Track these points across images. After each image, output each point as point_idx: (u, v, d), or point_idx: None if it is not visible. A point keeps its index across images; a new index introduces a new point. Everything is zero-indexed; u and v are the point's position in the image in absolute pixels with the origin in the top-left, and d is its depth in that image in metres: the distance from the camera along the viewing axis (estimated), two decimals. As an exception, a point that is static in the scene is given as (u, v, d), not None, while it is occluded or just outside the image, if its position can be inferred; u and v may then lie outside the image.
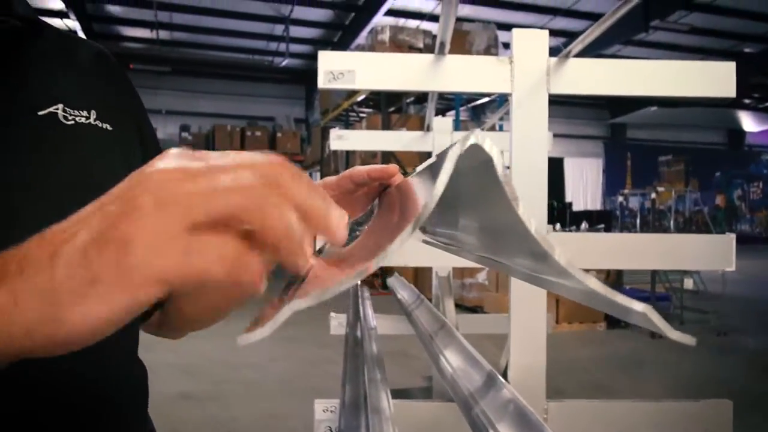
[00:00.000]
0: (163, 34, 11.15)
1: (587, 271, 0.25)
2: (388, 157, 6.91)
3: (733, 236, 1.53)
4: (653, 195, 5.82)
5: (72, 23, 9.81)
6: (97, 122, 0.57)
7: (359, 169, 0.57)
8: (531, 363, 1.54)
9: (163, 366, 3.95)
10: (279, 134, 13.00)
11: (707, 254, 1.54)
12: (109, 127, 0.58)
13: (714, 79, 1.49)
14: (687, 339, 0.24)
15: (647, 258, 1.57)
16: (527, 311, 1.52)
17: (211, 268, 0.26)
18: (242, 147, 12.66)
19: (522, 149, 1.51)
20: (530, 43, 1.49)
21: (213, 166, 0.27)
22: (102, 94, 0.60)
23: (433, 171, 0.30)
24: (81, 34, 10.01)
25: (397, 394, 3.43)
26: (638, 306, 0.24)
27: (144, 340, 0.74)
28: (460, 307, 6.25)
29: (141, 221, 0.25)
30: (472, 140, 0.26)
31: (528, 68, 1.48)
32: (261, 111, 13.78)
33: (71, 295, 0.26)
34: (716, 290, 5.74)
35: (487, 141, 0.27)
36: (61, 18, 9.87)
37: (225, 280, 0.26)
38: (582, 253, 1.54)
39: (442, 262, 2.35)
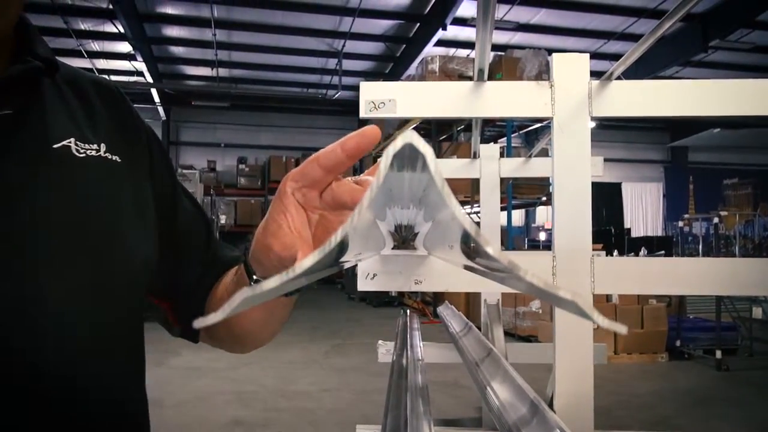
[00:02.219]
0: (223, 72, 11.66)
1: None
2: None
3: (793, 260, 1.46)
4: (716, 220, 5.57)
5: (139, 65, 10.39)
6: (107, 155, 0.60)
7: (326, 149, 0.47)
8: (577, 391, 1.50)
9: (217, 393, 4.03)
10: (332, 164, 13.25)
11: (765, 279, 1.47)
12: (118, 159, 0.61)
13: (762, 96, 1.44)
14: (618, 327, 0.24)
15: (708, 283, 1.50)
16: (573, 339, 1.49)
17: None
18: (297, 178, 12.95)
19: (564, 173, 1.49)
20: (571, 66, 1.48)
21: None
22: (111, 128, 0.64)
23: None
24: (148, 76, 10.59)
25: (447, 423, 3.39)
26: (566, 294, 0.26)
27: (197, 367, 0.77)
28: (513, 336, 6.11)
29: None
30: (405, 140, 0.29)
31: (569, 92, 1.47)
32: (314, 142, 14.10)
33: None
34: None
35: (416, 138, 0.29)
36: (129, 60, 10.48)
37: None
38: (630, 278, 1.50)
39: (490, 288, 2.33)
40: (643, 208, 16.57)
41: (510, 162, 2.82)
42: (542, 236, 12.14)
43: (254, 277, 0.56)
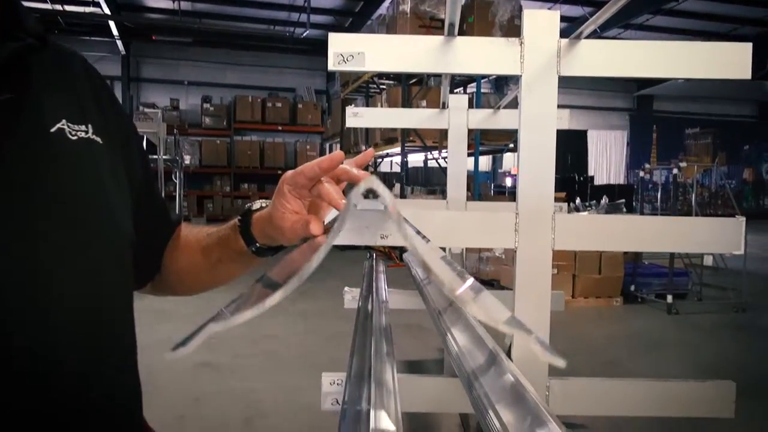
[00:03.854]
0: (185, 5, 11.13)
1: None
2: (407, 130, 6.90)
3: (743, 220, 1.53)
4: (675, 171, 5.72)
5: (95, -6, 9.85)
6: (93, 136, 0.62)
7: (308, 165, 0.63)
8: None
9: (182, 337, 4.08)
10: (300, 105, 13.00)
11: (717, 237, 1.54)
12: (100, 141, 0.63)
13: (729, 60, 1.47)
14: (553, 360, 0.26)
15: (657, 241, 1.57)
16: (532, 289, 1.54)
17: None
18: (263, 118, 12.69)
19: (530, 130, 1.51)
20: (541, 24, 1.48)
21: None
22: (93, 108, 0.65)
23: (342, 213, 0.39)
24: (105, 7, 10.06)
25: (410, 365, 3.51)
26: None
27: (163, 309, 0.84)
28: (476, 280, 6.28)
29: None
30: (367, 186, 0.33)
31: (538, 50, 1.47)
32: (282, 82, 13.76)
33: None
34: (737, 267, 5.67)
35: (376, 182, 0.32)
36: (84, -11, 9.91)
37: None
38: (595, 236, 1.56)
39: (455, 242, 2.37)
40: (608, 156, 16.87)
41: (478, 113, 2.82)
42: (508, 182, 12.30)
43: (257, 245, 0.71)
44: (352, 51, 1.47)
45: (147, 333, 4.28)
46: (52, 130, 0.58)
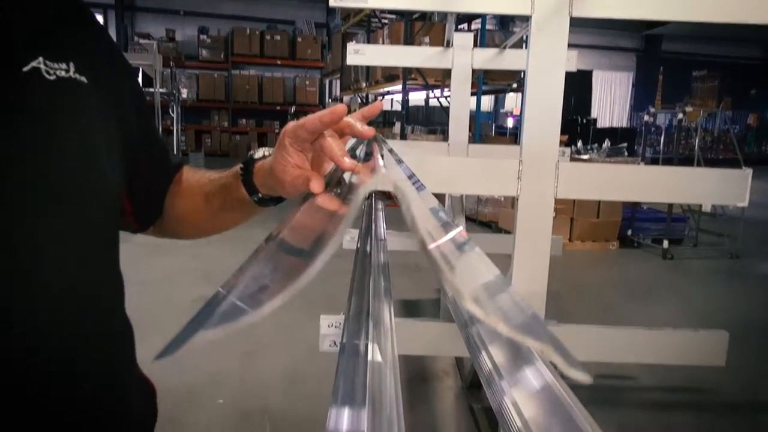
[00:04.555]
0: (179, -71, 10.65)
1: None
2: (410, 69, 6.73)
3: (749, 172, 1.51)
4: (680, 115, 5.63)
5: None
6: (76, 75, 0.56)
7: (310, 118, 0.60)
8: (533, 288, 1.58)
9: (182, 272, 4.11)
10: (299, 39, 12.65)
11: (722, 189, 1.52)
12: (85, 80, 0.57)
13: (751, 2, 1.40)
14: (583, 378, 0.25)
15: (661, 192, 1.56)
16: (532, 236, 1.54)
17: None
18: (261, 51, 12.38)
19: (538, 74, 1.46)
20: (554, -39, 1.41)
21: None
22: (77, 42, 0.59)
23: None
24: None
25: (408, 305, 3.56)
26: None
27: (163, 246, 0.84)
28: (475, 221, 6.30)
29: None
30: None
31: (550, -11, 1.40)
32: (281, 14, 13.32)
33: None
34: (735, 213, 5.69)
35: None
36: None
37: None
38: (598, 185, 1.54)
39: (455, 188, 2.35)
40: (612, 98, 16.59)
41: (483, 53, 2.74)
42: (510, 123, 12.15)
43: (259, 195, 0.70)
44: (355, -14, 1.40)
45: (144, 268, 4.33)
46: (25, 69, 0.52)
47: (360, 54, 2.55)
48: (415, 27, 7.29)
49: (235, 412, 2.29)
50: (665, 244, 5.19)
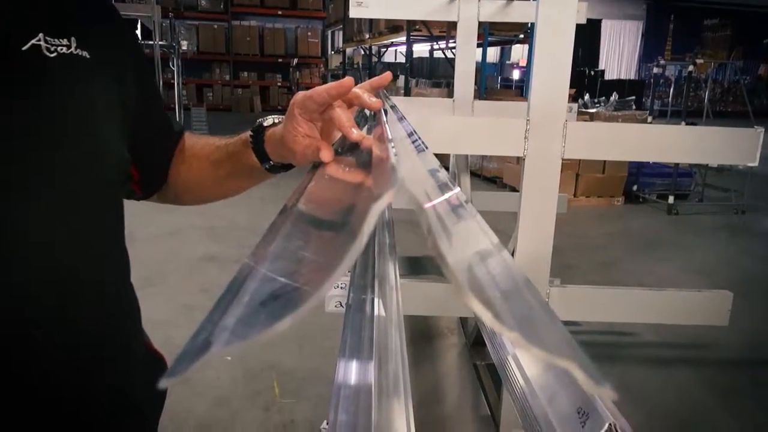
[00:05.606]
0: None
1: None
2: (413, 22, 6.56)
3: (761, 131, 1.47)
4: (690, 67, 5.50)
5: None
6: (78, 51, 0.55)
7: (318, 90, 0.60)
8: (537, 248, 1.57)
9: (189, 228, 4.12)
10: (300, -12, 12.34)
11: (732, 149, 1.49)
12: (87, 55, 0.56)
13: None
14: (609, 394, 0.24)
15: (671, 151, 1.53)
16: (539, 196, 1.52)
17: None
18: (262, 2, 12.08)
19: (547, 26, 1.42)
20: None
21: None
22: (79, 16, 0.58)
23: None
24: None
25: (411, 262, 3.54)
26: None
27: (168, 206, 0.84)
28: (479, 176, 6.27)
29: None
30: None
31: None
32: (281, -39, 12.94)
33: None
34: (742, 168, 5.63)
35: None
36: None
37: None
38: (600, 144, 1.51)
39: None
40: (620, 49, 16.22)
41: (490, 4, 2.65)
42: (516, 75, 11.93)
43: (270, 162, 0.70)
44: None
45: (149, 225, 4.33)
46: (25, 47, 0.51)
47: (363, 6, 2.47)
48: (419, -25, 7.08)
49: (243, 370, 2.33)
50: (670, 199, 5.16)
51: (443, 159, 3.75)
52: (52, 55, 0.53)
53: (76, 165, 0.55)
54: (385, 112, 0.64)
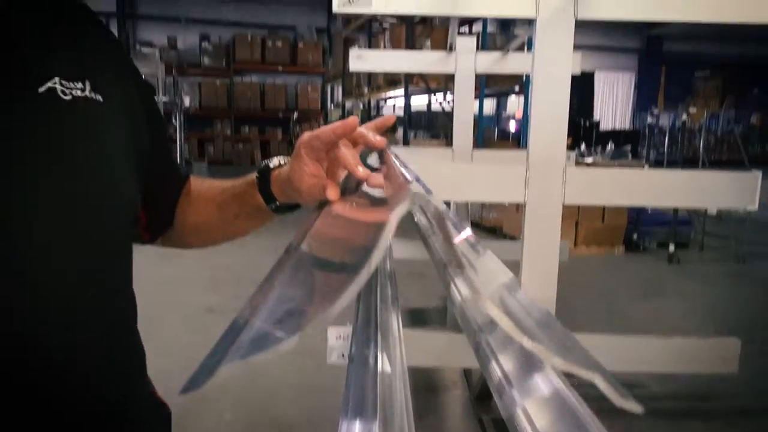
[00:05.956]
0: (180, -63, 10.68)
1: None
2: (411, 75, 6.71)
3: (758, 174, 1.48)
4: (684, 116, 5.59)
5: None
6: (92, 94, 0.57)
7: (324, 130, 0.61)
8: (542, 295, 1.55)
9: (188, 280, 4.09)
10: (300, 45, 12.66)
11: (730, 192, 1.50)
12: (100, 99, 0.58)
13: (754, 3, 1.38)
14: (634, 408, 0.23)
15: (668, 195, 1.53)
16: (541, 243, 1.51)
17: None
18: (263, 58, 12.39)
19: (544, 78, 1.44)
20: (558, -36, 1.38)
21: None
22: (93, 60, 0.60)
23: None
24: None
25: (413, 314, 3.52)
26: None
27: (169, 253, 0.84)
28: (479, 227, 6.27)
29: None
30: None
31: (555, -8, 1.38)
32: (281, 20, 13.34)
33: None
34: (741, 215, 5.65)
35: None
36: None
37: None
38: (601, 189, 1.51)
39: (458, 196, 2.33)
40: (614, 100, 16.55)
41: (486, 56, 2.72)
42: (512, 126, 12.12)
43: (276, 203, 0.71)
44: (358, -9, 1.38)
45: (151, 274, 4.28)
46: (41, 90, 0.53)
47: (363, 59, 2.53)
48: (416, 30, 7.29)
49: (244, 425, 2.26)
50: (671, 248, 5.15)
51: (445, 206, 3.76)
52: (67, 98, 0.54)
53: (88, 206, 0.55)
54: (404, 167, 0.65)
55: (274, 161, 0.72)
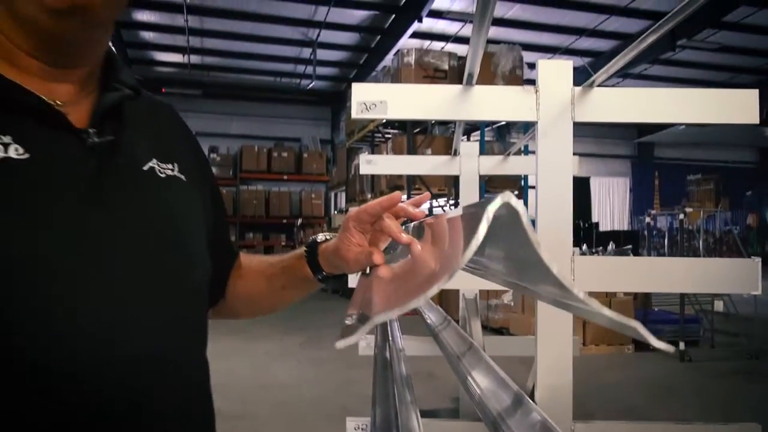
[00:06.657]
0: (195, 59, 11.47)
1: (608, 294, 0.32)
2: (413, 179, 6.97)
3: (758, 260, 1.55)
4: (681, 216, 5.75)
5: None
6: (179, 174, 0.69)
7: (371, 204, 0.70)
8: (558, 384, 1.57)
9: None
10: (305, 155, 13.18)
11: (733, 278, 1.56)
12: (184, 178, 0.70)
13: (738, 105, 1.52)
14: (667, 347, 0.30)
15: (673, 281, 1.59)
16: (554, 333, 1.55)
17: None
18: (269, 167, 12.85)
19: (547, 175, 1.55)
20: (555, 73, 1.54)
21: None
22: (178, 149, 0.72)
23: (472, 221, 0.36)
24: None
25: (425, 414, 3.44)
26: (632, 323, 0.31)
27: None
28: (486, 328, 6.22)
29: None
30: (503, 200, 0.34)
31: (553, 97, 1.52)
32: (288, 132, 13.99)
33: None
34: (748, 312, 5.63)
35: (514, 199, 0.34)
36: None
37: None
38: (609, 277, 1.58)
39: (469, 284, 2.38)
40: (611, 203, 16.94)
41: (489, 160, 2.89)
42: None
43: (323, 273, 0.79)
44: (375, 100, 1.52)
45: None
46: (145, 168, 0.65)
47: (372, 164, 2.69)
48: (416, 140, 7.64)
49: None
50: (681, 345, 5.09)
51: (452, 307, 3.78)
52: (163, 176, 0.67)
53: (175, 270, 0.64)
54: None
55: (320, 236, 0.80)
